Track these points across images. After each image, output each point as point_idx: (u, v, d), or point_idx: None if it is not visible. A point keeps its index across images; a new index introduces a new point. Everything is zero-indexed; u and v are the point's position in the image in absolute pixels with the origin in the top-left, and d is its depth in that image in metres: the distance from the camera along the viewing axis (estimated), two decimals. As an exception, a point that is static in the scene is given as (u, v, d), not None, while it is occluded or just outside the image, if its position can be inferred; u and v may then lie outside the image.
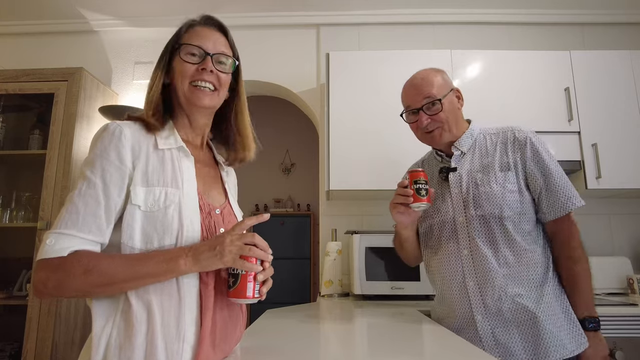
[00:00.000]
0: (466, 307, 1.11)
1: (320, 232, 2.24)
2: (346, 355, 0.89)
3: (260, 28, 2.45)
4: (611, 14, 2.40)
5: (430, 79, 1.19)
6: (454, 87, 1.22)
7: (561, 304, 1.07)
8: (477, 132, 1.23)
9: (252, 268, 0.70)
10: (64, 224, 0.67)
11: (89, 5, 2.37)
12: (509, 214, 1.09)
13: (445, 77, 1.22)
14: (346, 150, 1.94)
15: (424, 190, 1.08)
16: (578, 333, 1.04)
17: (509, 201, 1.09)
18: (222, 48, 0.84)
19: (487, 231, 1.11)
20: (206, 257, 0.68)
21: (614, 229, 2.20)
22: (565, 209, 1.09)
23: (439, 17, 2.42)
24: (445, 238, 1.18)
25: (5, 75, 2.00)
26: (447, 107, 1.18)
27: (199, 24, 0.85)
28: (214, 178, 0.88)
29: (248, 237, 0.70)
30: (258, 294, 0.72)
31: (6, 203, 2.10)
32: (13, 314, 1.99)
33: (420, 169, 1.12)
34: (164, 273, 0.67)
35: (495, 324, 1.07)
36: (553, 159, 1.14)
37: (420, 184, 1.09)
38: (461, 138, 1.21)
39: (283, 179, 4.32)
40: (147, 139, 0.76)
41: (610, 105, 1.96)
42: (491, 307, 1.07)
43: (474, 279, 1.10)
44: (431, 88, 1.17)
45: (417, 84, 1.20)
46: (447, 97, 1.18)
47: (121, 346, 0.64)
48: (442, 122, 1.18)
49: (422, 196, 1.08)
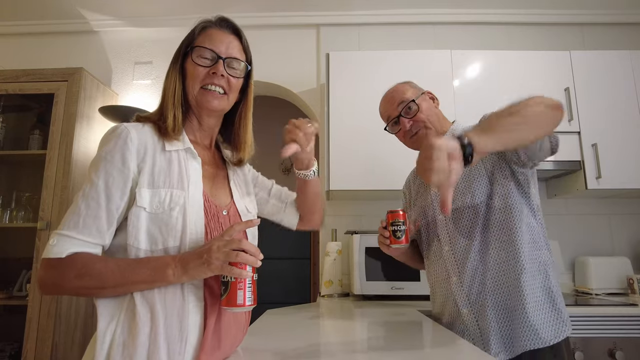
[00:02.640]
0: (452, 302, 1.12)
1: (320, 232, 2.24)
2: (346, 355, 0.89)
3: (260, 28, 2.46)
4: (611, 14, 2.40)
5: (400, 88, 1.25)
6: (424, 91, 1.25)
7: (545, 291, 1.03)
8: (459, 130, 1.22)
9: (240, 274, 0.67)
10: (67, 225, 0.68)
11: (89, 6, 2.37)
12: (481, 199, 1.07)
13: (413, 85, 1.27)
14: (346, 150, 1.94)
15: (400, 232, 1.11)
16: (560, 322, 1.01)
17: (477, 186, 1.09)
18: (235, 52, 0.84)
19: (462, 223, 1.10)
20: (194, 266, 0.67)
21: (614, 229, 2.20)
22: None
23: (440, 17, 2.42)
24: (430, 238, 1.21)
25: (5, 75, 2.00)
26: (424, 107, 1.20)
27: (213, 26, 0.84)
28: (221, 179, 0.88)
29: (235, 242, 0.68)
30: (250, 301, 0.69)
31: (6, 203, 2.10)
32: (13, 314, 1.99)
33: (400, 209, 1.14)
34: (152, 281, 0.67)
35: (479, 316, 1.07)
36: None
37: (397, 225, 1.11)
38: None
39: (283, 179, 4.32)
40: (154, 141, 0.76)
41: (610, 105, 1.96)
42: (474, 299, 1.07)
43: (456, 274, 1.11)
44: (403, 94, 1.22)
45: (389, 96, 1.26)
46: (420, 98, 1.21)
47: (125, 344, 0.65)
48: (423, 121, 1.19)
49: (397, 238, 1.11)
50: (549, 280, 1.05)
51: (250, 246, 0.69)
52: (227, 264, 0.67)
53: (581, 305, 1.59)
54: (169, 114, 0.78)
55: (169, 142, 0.78)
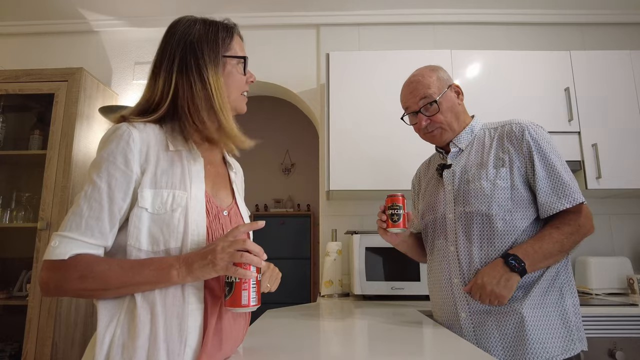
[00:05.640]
0: (451, 304, 1.11)
1: (320, 232, 2.24)
2: (346, 356, 0.89)
3: (260, 28, 2.46)
4: (611, 14, 2.40)
5: (426, 80, 1.18)
6: (452, 83, 1.21)
7: (557, 306, 1.02)
8: (479, 128, 1.21)
9: (245, 275, 0.67)
10: (69, 226, 0.68)
11: (89, 6, 2.37)
12: (497, 212, 1.06)
13: (441, 74, 1.20)
14: (346, 150, 1.94)
15: (397, 216, 1.10)
16: (570, 338, 1.00)
17: (498, 198, 1.06)
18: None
19: (472, 228, 1.08)
20: (198, 266, 0.67)
21: (614, 229, 2.20)
22: (562, 205, 1.03)
23: (440, 17, 2.42)
24: (437, 235, 1.19)
25: (5, 75, 2.00)
26: (445, 107, 1.17)
27: (236, 32, 0.86)
28: (223, 178, 0.88)
29: (240, 243, 0.68)
30: (255, 301, 0.69)
31: (6, 203, 2.10)
32: (13, 314, 1.99)
33: (399, 193, 1.13)
34: (156, 282, 0.67)
35: (478, 323, 1.06)
36: (555, 151, 1.08)
37: (394, 209, 1.11)
38: (460, 135, 1.20)
39: (283, 179, 4.32)
40: (157, 141, 0.76)
41: (610, 105, 1.96)
42: (474, 305, 1.06)
43: (458, 276, 1.10)
44: (427, 89, 1.17)
45: (413, 86, 1.20)
46: (444, 96, 1.17)
47: (124, 345, 0.65)
48: (440, 123, 1.17)
49: (394, 222, 1.11)
50: (566, 295, 1.04)
51: (254, 246, 0.69)
52: (231, 265, 0.67)
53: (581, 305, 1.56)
54: (228, 118, 0.80)
55: (173, 142, 0.77)
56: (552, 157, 1.06)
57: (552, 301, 1.03)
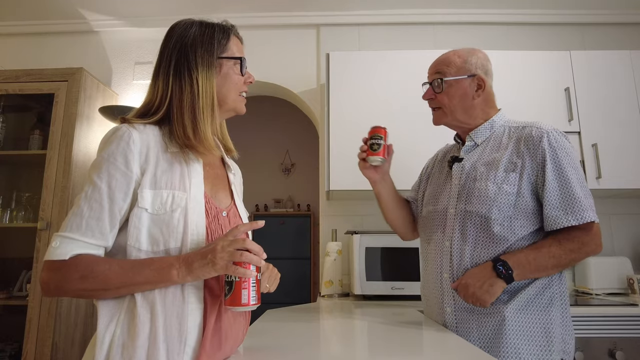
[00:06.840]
0: (439, 297, 1.11)
1: (320, 232, 2.24)
2: (346, 356, 0.89)
3: (260, 28, 2.46)
4: (611, 14, 2.40)
5: (452, 58, 1.15)
6: (476, 74, 1.13)
7: (542, 314, 0.99)
8: (500, 124, 1.15)
9: (245, 274, 0.67)
10: (69, 227, 0.68)
11: (89, 6, 2.37)
12: (497, 216, 1.02)
13: (472, 60, 1.14)
14: (346, 150, 1.94)
15: (377, 145, 1.13)
16: (549, 349, 0.96)
17: (500, 203, 1.02)
18: None
19: (469, 227, 1.07)
20: (198, 266, 0.67)
21: (614, 229, 2.20)
22: (567, 221, 0.97)
23: (440, 17, 2.42)
24: (435, 227, 1.17)
25: (5, 75, 2.00)
26: (452, 92, 1.13)
27: (233, 33, 0.86)
28: (222, 180, 0.88)
29: (239, 242, 0.68)
30: (255, 300, 0.70)
31: (6, 203, 2.10)
32: (13, 314, 1.99)
33: (383, 126, 1.16)
34: (156, 282, 0.67)
35: (460, 320, 1.06)
36: (573, 163, 1.02)
37: (375, 139, 1.14)
38: (478, 128, 1.15)
39: (283, 179, 4.32)
40: (157, 142, 0.76)
41: (610, 105, 1.96)
42: (459, 302, 1.06)
43: (448, 272, 1.09)
44: (445, 66, 1.14)
45: (440, 58, 1.18)
46: (458, 81, 1.12)
47: (124, 345, 0.65)
48: (442, 104, 1.15)
49: (374, 150, 1.14)
50: (549, 306, 1.01)
51: (254, 245, 0.69)
52: (231, 264, 0.67)
53: (581, 305, 1.59)
54: (206, 121, 0.79)
55: (170, 144, 0.78)
56: (567, 169, 1.01)
57: (538, 308, 1.00)
